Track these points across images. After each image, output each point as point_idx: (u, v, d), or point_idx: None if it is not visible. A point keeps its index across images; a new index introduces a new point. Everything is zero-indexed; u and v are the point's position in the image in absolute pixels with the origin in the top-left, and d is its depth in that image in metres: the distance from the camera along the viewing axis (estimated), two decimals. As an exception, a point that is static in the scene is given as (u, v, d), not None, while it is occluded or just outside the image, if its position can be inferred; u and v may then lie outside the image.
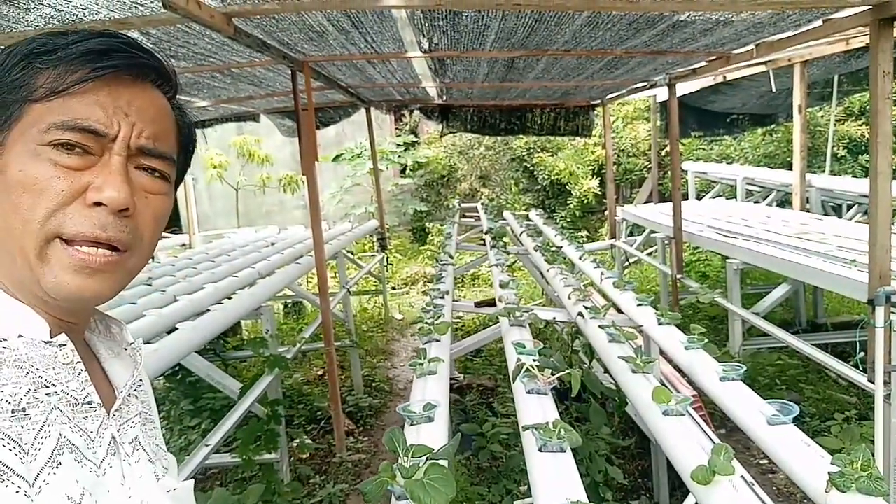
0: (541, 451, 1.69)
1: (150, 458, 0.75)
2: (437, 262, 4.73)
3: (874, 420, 2.84)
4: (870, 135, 2.86)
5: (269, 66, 4.08)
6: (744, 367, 2.18)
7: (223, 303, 3.61)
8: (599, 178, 11.32)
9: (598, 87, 5.93)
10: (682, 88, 6.22)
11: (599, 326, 2.84)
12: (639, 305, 3.21)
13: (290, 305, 7.81)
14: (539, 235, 6.05)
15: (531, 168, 12.25)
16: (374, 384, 5.69)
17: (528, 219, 7.74)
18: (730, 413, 2.01)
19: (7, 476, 0.57)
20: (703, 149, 12.38)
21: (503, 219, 7.47)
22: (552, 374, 2.15)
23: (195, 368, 3.58)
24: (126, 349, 0.81)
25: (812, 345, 3.82)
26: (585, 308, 3.15)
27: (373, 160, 7.70)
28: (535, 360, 2.34)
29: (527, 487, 3.07)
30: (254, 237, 7.10)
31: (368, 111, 6.88)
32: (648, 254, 7.12)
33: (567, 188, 11.78)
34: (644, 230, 7.16)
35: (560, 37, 3.52)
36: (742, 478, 1.52)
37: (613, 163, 8.69)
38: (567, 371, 2.16)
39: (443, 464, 1.44)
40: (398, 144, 11.72)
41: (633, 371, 2.28)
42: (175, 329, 2.98)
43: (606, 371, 3.14)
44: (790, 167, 7.85)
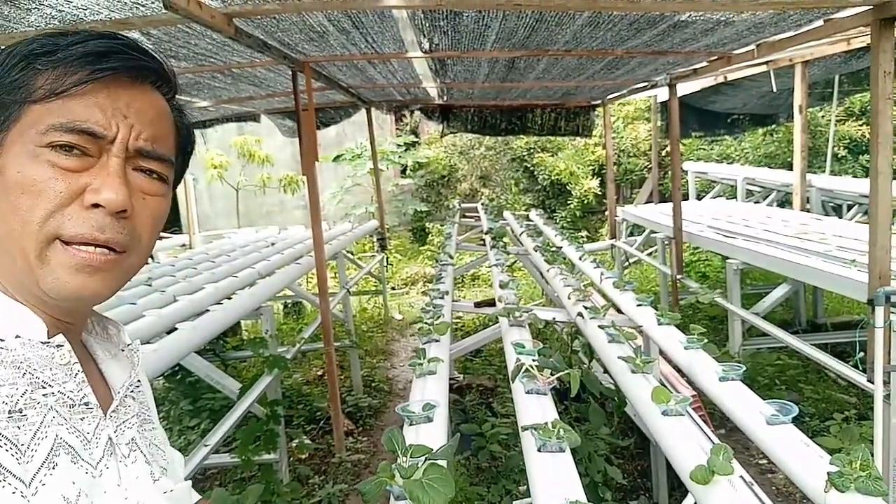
0: (540, 452, 1.69)
1: (147, 460, 0.75)
2: (437, 263, 4.73)
3: (873, 420, 2.84)
4: (870, 135, 2.86)
5: (270, 67, 4.09)
6: (743, 368, 2.18)
7: (223, 303, 3.61)
8: (600, 179, 11.32)
9: (599, 88, 5.93)
10: (683, 88, 6.22)
11: (599, 326, 2.84)
12: (638, 306, 3.21)
13: (290, 306, 7.81)
14: (539, 236, 6.04)
15: (531, 168, 12.25)
16: (374, 384, 5.69)
17: (528, 219, 7.74)
18: (729, 413, 2.01)
19: (4, 477, 0.57)
20: (704, 149, 12.37)
21: (503, 219, 7.46)
22: (551, 375, 2.14)
23: (195, 368, 3.59)
24: (123, 350, 0.81)
25: (812, 345, 3.82)
26: (585, 308, 3.15)
27: (373, 160, 7.70)
28: (535, 361, 2.33)
29: (526, 487, 3.07)
30: (254, 237, 7.09)
31: (369, 111, 6.88)
32: (648, 254, 7.12)
33: (567, 188, 11.78)
34: (644, 230, 7.16)
35: (561, 37, 3.52)
36: (741, 478, 1.52)
37: (614, 163, 8.69)
38: (566, 371, 2.16)
39: (442, 464, 1.43)
40: (399, 145, 11.72)
41: (633, 371, 2.28)
42: (175, 329, 2.98)
43: (606, 371, 3.14)
44: (790, 167, 7.85)
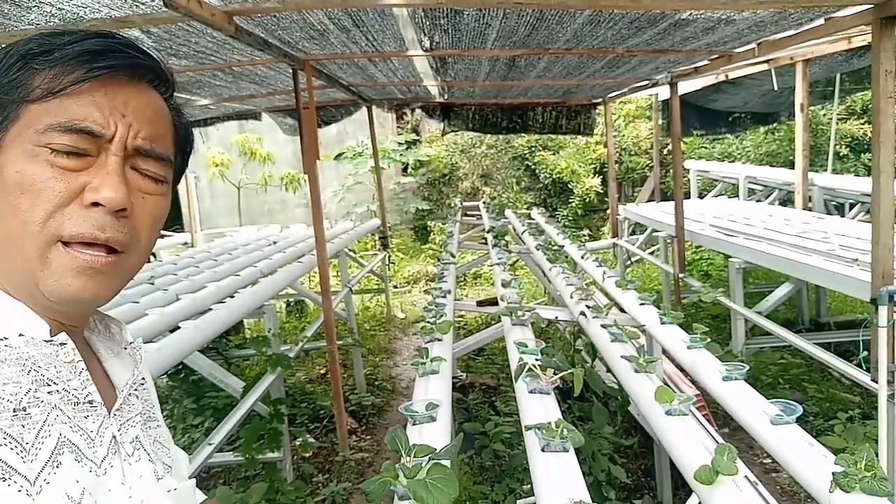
0: (543, 451, 1.69)
1: (151, 458, 0.75)
2: (439, 261, 4.73)
3: (878, 419, 2.83)
4: (872, 133, 2.85)
5: (271, 65, 4.08)
6: (746, 367, 2.17)
7: (225, 301, 3.61)
8: (601, 177, 11.32)
9: (600, 86, 5.92)
10: (684, 87, 6.21)
11: (602, 326, 2.84)
12: (641, 304, 3.20)
13: (293, 304, 7.82)
14: (541, 234, 6.04)
15: (533, 167, 12.24)
16: (377, 383, 5.69)
17: (530, 217, 7.74)
18: (733, 413, 2.00)
19: (9, 475, 0.57)
20: (706, 147, 12.35)
21: (505, 217, 7.46)
22: (554, 374, 2.14)
23: (198, 367, 3.59)
24: (126, 348, 0.81)
25: (815, 344, 3.81)
26: (588, 307, 3.15)
27: (374, 159, 7.69)
28: (538, 360, 2.33)
29: (529, 487, 3.06)
30: (256, 236, 7.09)
31: (370, 109, 6.87)
32: (650, 253, 7.11)
33: (569, 187, 11.77)
34: (646, 229, 7.15)
35: (561, 35, 3.51)
36: (745, 477, 1.52)
37: (615, 161, 8.69)
38: (569, 370, 2.16)
39: (445, 463, 1.43)
40: (400, 143, 11.71)
41: (636, 370, 2.28)
42: (177, 328, 2.98)
43: (609, 370, 3.14)
44: (792, 166, 7.82)
